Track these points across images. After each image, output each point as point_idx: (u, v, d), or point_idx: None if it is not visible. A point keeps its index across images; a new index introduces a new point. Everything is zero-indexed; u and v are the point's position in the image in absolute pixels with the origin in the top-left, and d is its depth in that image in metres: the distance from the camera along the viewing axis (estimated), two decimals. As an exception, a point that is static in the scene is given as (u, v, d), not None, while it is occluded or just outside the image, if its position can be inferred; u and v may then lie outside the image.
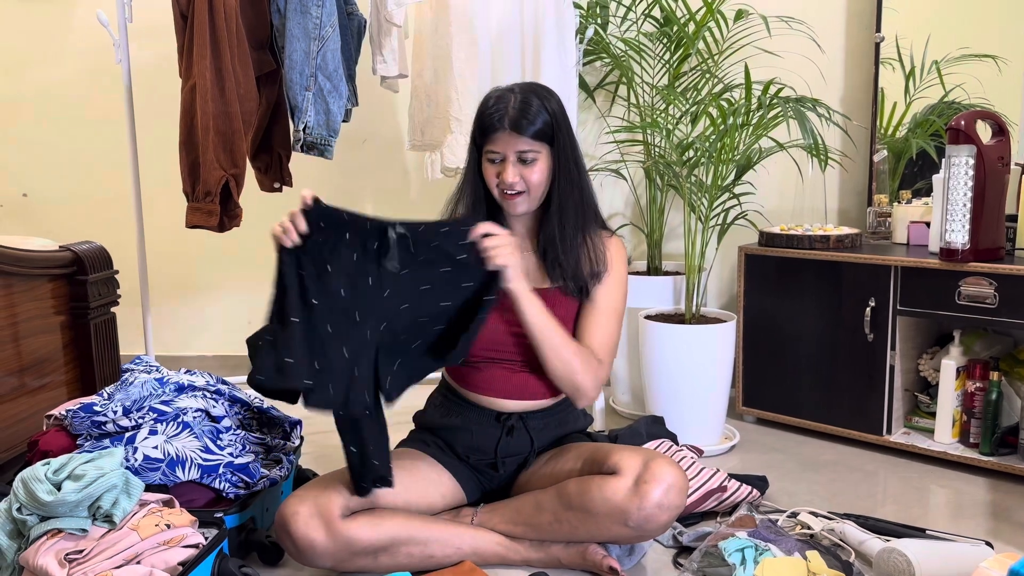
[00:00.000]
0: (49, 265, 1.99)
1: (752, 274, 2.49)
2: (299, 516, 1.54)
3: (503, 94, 1.64)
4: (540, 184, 1.65)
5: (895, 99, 2.61)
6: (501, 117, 1.61)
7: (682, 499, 1.56)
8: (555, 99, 1.66)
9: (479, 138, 1.66)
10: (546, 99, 1.64)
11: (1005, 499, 2.02)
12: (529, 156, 1.62)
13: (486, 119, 1.63)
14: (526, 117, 1.60)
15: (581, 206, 1.70)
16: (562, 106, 1.67)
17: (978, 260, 2.09)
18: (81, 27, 3.00)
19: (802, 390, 2.44)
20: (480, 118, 1.65)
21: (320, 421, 2.63)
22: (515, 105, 1.61)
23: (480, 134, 1.65)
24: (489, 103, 1.64)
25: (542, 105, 1.62)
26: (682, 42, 2.56)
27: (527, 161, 1.62)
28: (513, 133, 1.60)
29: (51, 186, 3.11)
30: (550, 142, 1.64)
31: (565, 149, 1.66)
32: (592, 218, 1.73)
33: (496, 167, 1.64)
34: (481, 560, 1.65)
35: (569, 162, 1.67)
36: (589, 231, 1.72)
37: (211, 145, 2.03)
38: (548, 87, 1.70)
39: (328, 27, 2.15)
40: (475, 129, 1.67)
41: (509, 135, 1.61)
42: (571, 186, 1.68)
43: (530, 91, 1.65)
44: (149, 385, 1.79)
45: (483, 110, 1.64)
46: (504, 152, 1.62)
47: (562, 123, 1.65)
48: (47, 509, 1.34)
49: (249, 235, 2.68)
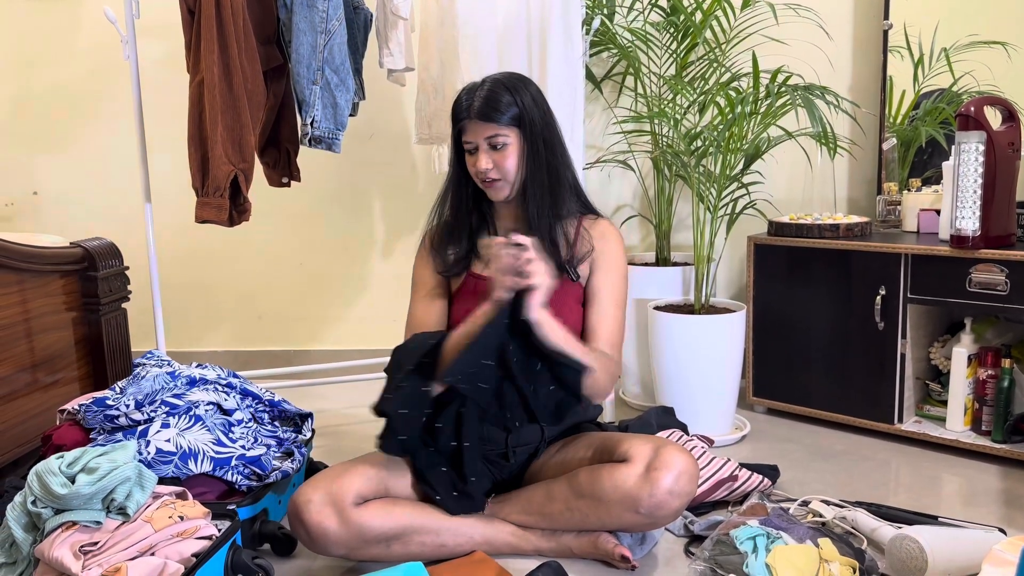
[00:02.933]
0: (60, 261, 2.00)
1: (761, 264, 2.48)
2: (312, 504, 1.55)
3: (474, 85, 1.70)
4: (514, 169, 1.68)
5: (904, 87, 2.60)
6: (468, 106, 1.66)
7: (693, 486, 1.57)
8: (527, 86, 1.70)
9: (454, 131, 1.72)
10: (514, 85, 1.68)
11: (1018, 486, 2.01)
12: (499, 142, 1.66)
13: (456, 110, 1.69)
14: (490, 104, 1.65)
15: (551, 187, 1.71)
16: (538, 93, 1.71)
17: (989, 247, 2.08)
18: (89, 24, 3.01)
19: (812, 380, 2.43)
20: (452, 111, 1.70)
21: (332, 415, 2.62)
22: (482, 94, 1.66)
23: (454, 126, 1.71)
24: (460, 94, 1.70)
25: (508, 91, 1.66)
26: (689, 31, 2.55)
27: (498, 147, 1.66)
28: (478, 121, 1.65)
29: (61, 183, 3.13)
30: (518, 125, 1.67)
31: (533, 131, 1.68)
32: (568, 200, 1.75)
33: (473, 156, 1.69)
34: (493, 550, 1.66)
35: (537, 142, 1.69)
36: (562, 214, 1.73)
37: (219, 140, 2.04)
38: (523, 76, 1.73)
39: (334, 21, 2.15)
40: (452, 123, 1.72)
41: (476, 123, 1.66)
42: (538, 168, 1.70)
43: (499, 80, 1.69)
44: (161, 379, 1.80)
45: (455, 103, 1.70)
46: (475, 140, 1.67)
47: (530, 107, 1.68)
48: (61, 502, 1.35)
49: (259, 229, 2.69)
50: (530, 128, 1.68)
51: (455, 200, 1.77)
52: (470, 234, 1.77)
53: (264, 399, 1.95)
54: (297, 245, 3.10)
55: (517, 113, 1.66)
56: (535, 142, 1.69)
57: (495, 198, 1.72)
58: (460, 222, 1.78)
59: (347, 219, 3.07)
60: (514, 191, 1.71)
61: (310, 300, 3.13)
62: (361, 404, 2.77)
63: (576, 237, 1.75)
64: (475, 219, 1.78)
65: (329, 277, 3.12)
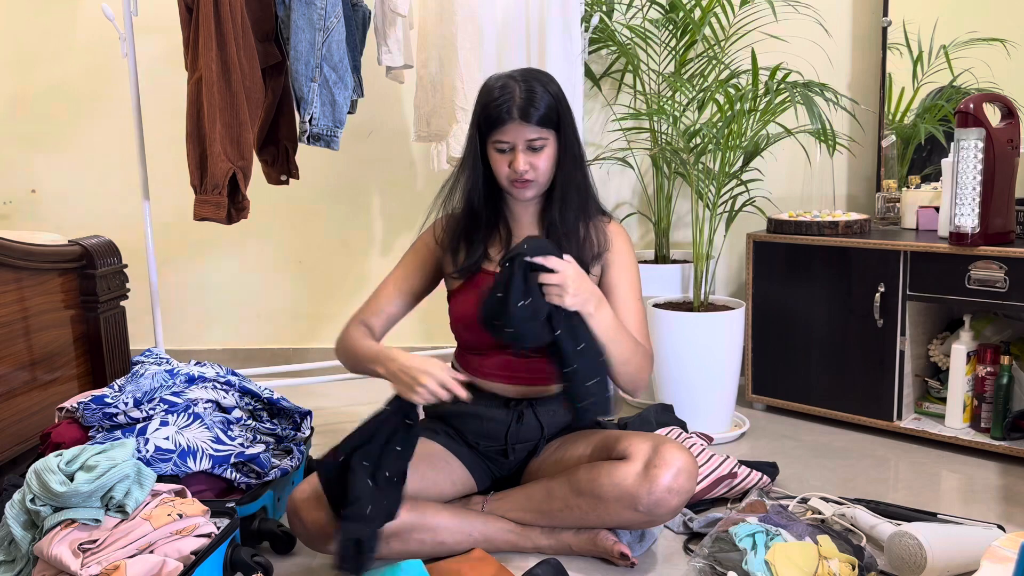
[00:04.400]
0: (58, 259, 1.99)
1: (760, 261, 2.48)
2: (311, 502, 1.55)
3: (506, 83, 1.61)
4: (548, 170, 1.64)
5: (903, 84, 2.60)
6: (509, 107, 1.58)
7: (692, 483, 1.57)
8: (555, 83, 1.65)
9: (485, 129, 1.63)
10: (548, 84, 1.63)
11: (1016, 483, 2.01)
12: (538, 143, 1.60)
13: (493, 110, 1.60)
14: (533, 105, 1.58)
15: (583, 189, 1.70)
16: (561, 90, 1.66)
17: (988, 244, 2.08)
18: (86, 22, 3.01)
19: (811, 377, 2.43)
20: (486, 109, 1.61)
21: (330, 413, 2.62)
22: (521, 94, 1.59)
23: (487, 125, 1.62)
24: (494, 93, 1.61)
25: (546, 91, 1.61)
26: (688, 28, 2.55)
27: (536, 149, 1.61)
28: (522, 123, 1.58)
29: (59, 181, 3.12)
30: (556, 128, 1.63)
31: (568, 133, 1.65)
32: (591, 201, 1.73)
33: (507, 156, 1.62)
34: (492, 547, 1.66)
35: (573, 146, 1.66)
36: (589, 213, 1.72)
37: (218, 137, 2.04)
38: (546, 72, 1.69)
39: (333, 18, 2.14)
40: (479, 120, 1.64)
41: (519, 125, 1.58)
42: (575, 169, 1.68)
43: (532, 78, 1.62)
44: (159, 377, 1.80)
45: (488, 100, 1.61)
46: (514, 141, 1.60)
47: (564, 107, 1.64)
48: (60, 500, 1.35)
49: (257, 227, 2.69)
50: (564, 130, 1.64)
51: (470, 199, 1.70)
52: (484, 235, 1.72)
53: (263, 397, 1.95)
54: (296, 242, 3.10)
55: (555, 115, 1.61)
56: (570, 142, 1.65)
57: (522, 197, 1.67)
58: (474, 222, 1.72)
59: (346, 216, 3.07)
60: (540, 192, 1.68)
61: (309, 298, 3.13)
62: (360, 402, 2.77)
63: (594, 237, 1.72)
64: (488, 219, 1.72)
65: (328, 274, 3.12)
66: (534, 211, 1.73)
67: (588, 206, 1.71)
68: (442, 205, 1.75)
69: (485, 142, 1.65)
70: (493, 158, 1.64)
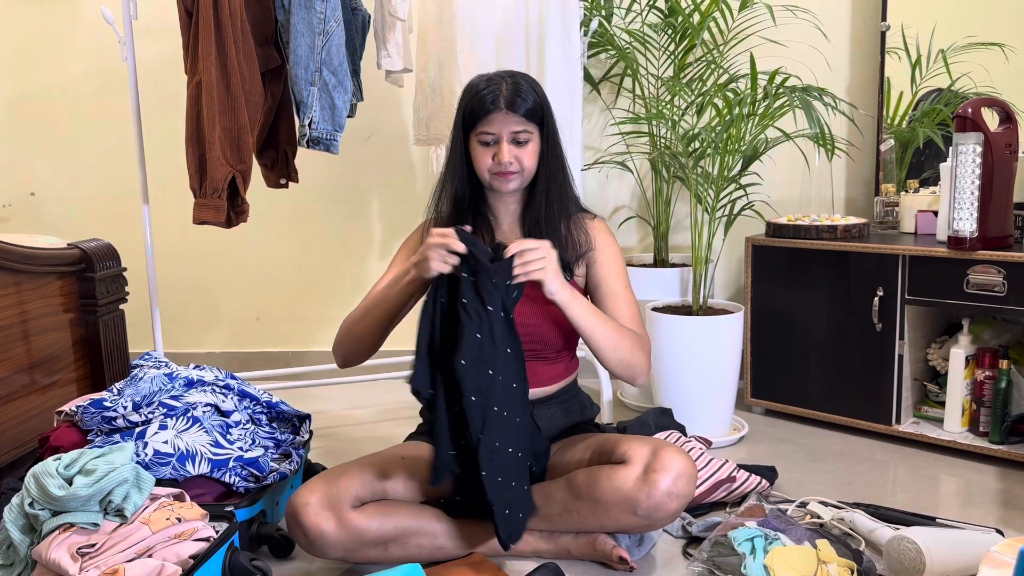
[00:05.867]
0: (57, 263, 1.99)
1: (759, 265, 2.48)
2: (310, 507, 1.55)
3: (491, 77, 1.65)
4: (532, 167, 1.67)
5: (901, 88, 2.60)
6: (495, 98, 1.60)
7: (691, 487, 1.57)
8: (540, 86, 1.69)
9: (469, 123, 1.65)
10: (533, 83, 1.67)
11: (1015, 487, 2.01)
12: (523, 136, 1.63)
13: (478, 101, 1.62)
14: (520, 96, 1.61)
15: (565, 189, 1.73)
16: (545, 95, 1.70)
17: (986, 248, 2.08)
18: (86, 25, 3.01)
19: (810, 381, 2.43)
20: (471, 102, 1.63)
21: (330, 416, 2.61)
22: (508, 87, 1.62)
23: (471, 117, 1.64)
24: (480, 87, 1.64)
25: (531, 88, 1.65)
26: (687, 33, 2.56)
27: (521, 142, 1.64)
28: (508, 113, 1.61)
29: (58, 184, 3.12)
30: (540, 124, 1.66)
31: (552, 133, 1.69)
32: (573, 200, 1.76)
33: (491, 149, 1.64)
34: (491, 551, 1.66)
35: (556, 144, 1.70)
36: (570, 213, 1.74)
37: (217, 141, 2.04)
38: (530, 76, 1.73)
39: (332, 22, 2.15)
40: (463, 114, 1.66)
41: (504, 115, 1.61)
42: (558, 170, 1.71)
43: (518, 75, 1.67)
44: (159, 380, 1.80)
45: (473, 94, 1.64)
46: (499, 133, 1.62)
47: (548, 109, 1.68)
48: (59, 504, 1.35)
49: (256, 230, 2.69)
50: (548, 127, 1.67)
51: (458, 199, 1.73)
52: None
53: (262, 400, 1.95)
54: (295, 246, 3.10)
55: (541, 110, 1.65)
56: (552, 140, 1.69)
57: (504, 188, 1.67)
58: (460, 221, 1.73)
59: (345, 220, 3.07)
60: (523, 185, 1.70)
61: (308, 301, 3.13)
62: (359, 405, 2.77)
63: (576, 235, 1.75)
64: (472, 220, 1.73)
65: (327, 278, 3.12)
66: (515, 211, 1.75)
67: (569, 206, 1.74)
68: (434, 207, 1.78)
69: (468, 139, 1.67)
70: (476, 153, 1.66)
